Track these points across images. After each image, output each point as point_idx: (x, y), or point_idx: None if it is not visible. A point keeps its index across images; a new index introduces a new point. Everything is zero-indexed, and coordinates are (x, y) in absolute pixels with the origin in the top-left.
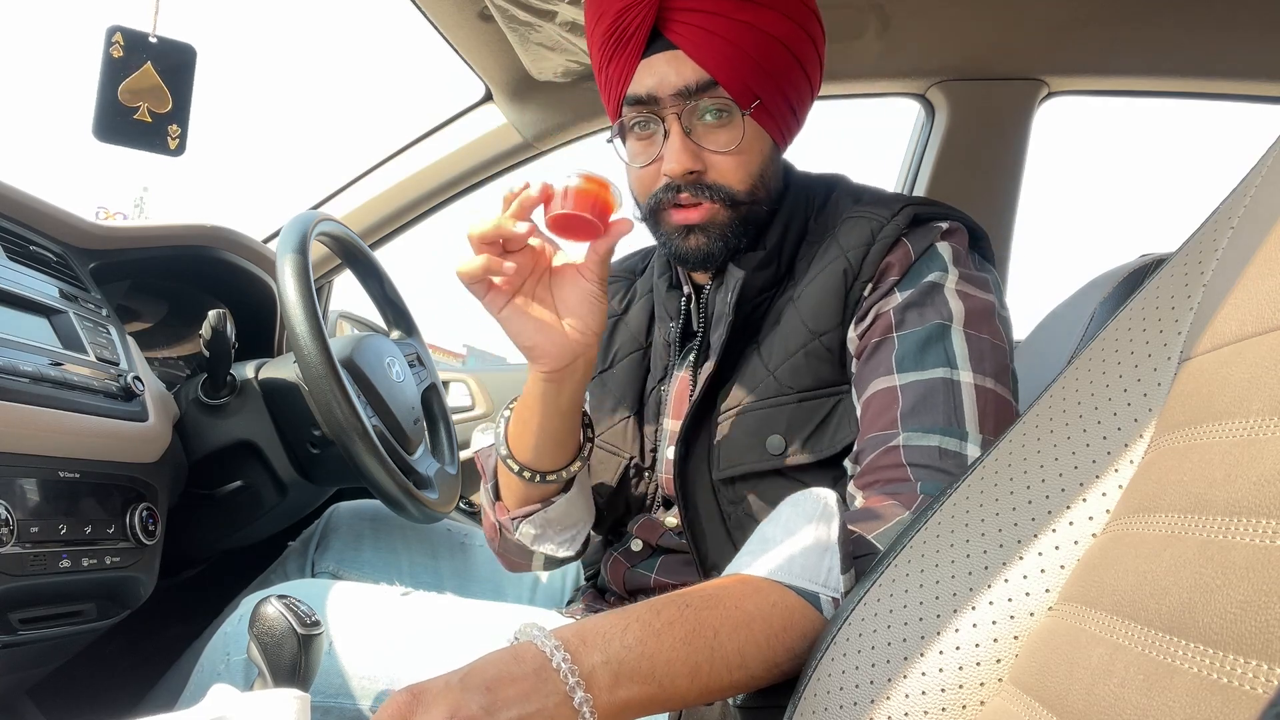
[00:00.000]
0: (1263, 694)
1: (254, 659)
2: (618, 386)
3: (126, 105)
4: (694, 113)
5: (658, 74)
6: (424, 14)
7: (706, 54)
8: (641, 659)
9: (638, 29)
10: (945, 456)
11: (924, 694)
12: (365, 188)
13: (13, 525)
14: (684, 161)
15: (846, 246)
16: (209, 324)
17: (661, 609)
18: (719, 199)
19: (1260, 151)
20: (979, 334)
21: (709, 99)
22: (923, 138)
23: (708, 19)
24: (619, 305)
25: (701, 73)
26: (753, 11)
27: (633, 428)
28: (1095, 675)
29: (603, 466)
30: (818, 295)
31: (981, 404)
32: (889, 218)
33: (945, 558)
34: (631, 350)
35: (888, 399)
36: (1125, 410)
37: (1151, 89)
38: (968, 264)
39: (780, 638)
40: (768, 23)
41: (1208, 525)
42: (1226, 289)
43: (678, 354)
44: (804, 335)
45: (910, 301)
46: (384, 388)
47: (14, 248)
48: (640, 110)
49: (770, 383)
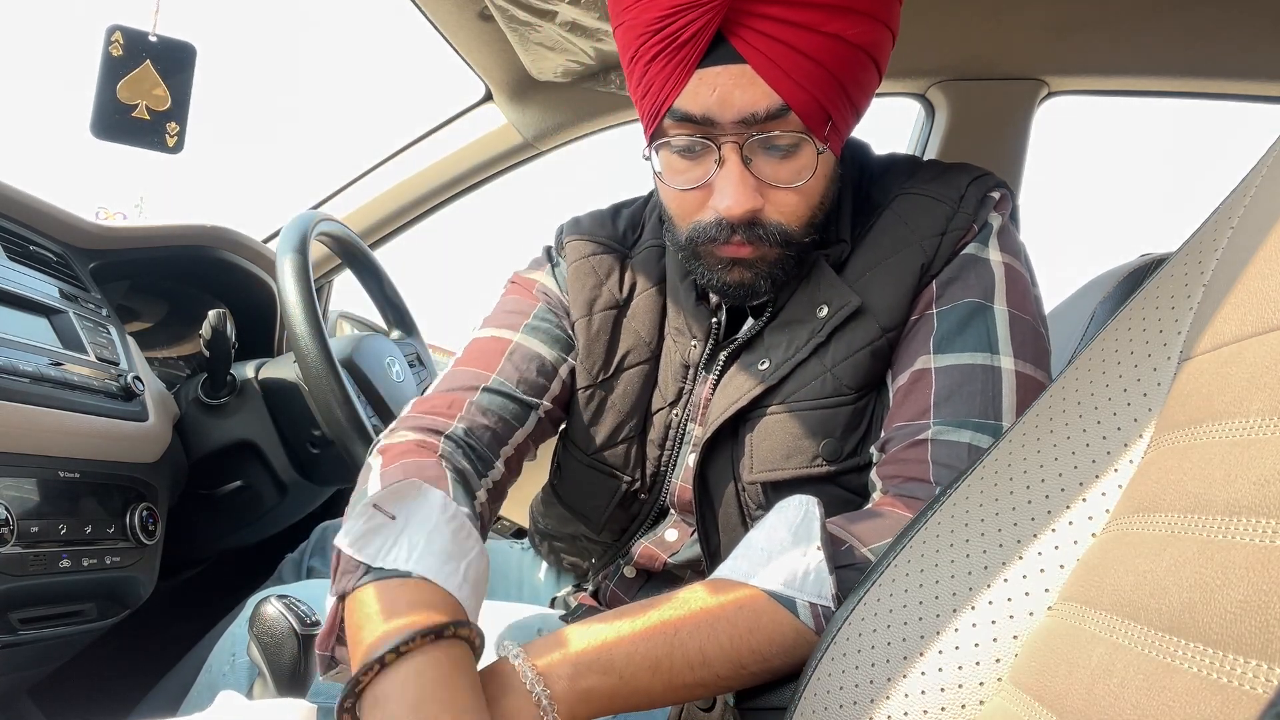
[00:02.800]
0: (1263, 694)
1: (254, 659)
2: (622, 401)
3: (125, 103)
4: (758, 143)
5: (719, 92)
6: (424, 14)
7: (781, 74)
8: (600, 651)
9: (699, 32)
10: (974, 455)
11: (924, 694)
12: (365, 188)
13: (13, 525)
14: (744, 202)
15: (921, 233)
16: (209, 324)
17: (624, 610)
18: (778, 241)
19: (1260, 151)
20: (1021, 313)
21: (779, 128)
22: (923, 138)
23: (788, 31)
24: (620, 292)
25: (774, 97)
26: (844, 21)
27: (636, 451)
28: (1095, 675)
29: (597, 488)
30: (891, 288)
31: (1021, 393)
32: (958, 201)
33: (945, 558)
34: (641, 360)
35: (921, 383)
36: (1125, 410)
37: (1151, 89)
38: (1012, 234)
39: (745, 639)
40: (858, 32)
41: (1208, 525)
42: (1227, 289)
43: (695, 378)
44: (873, 332)
45: (951, 275)
46: (384, 388)
47: (14, 248)
48: (690, 129)
49: (827, 381)
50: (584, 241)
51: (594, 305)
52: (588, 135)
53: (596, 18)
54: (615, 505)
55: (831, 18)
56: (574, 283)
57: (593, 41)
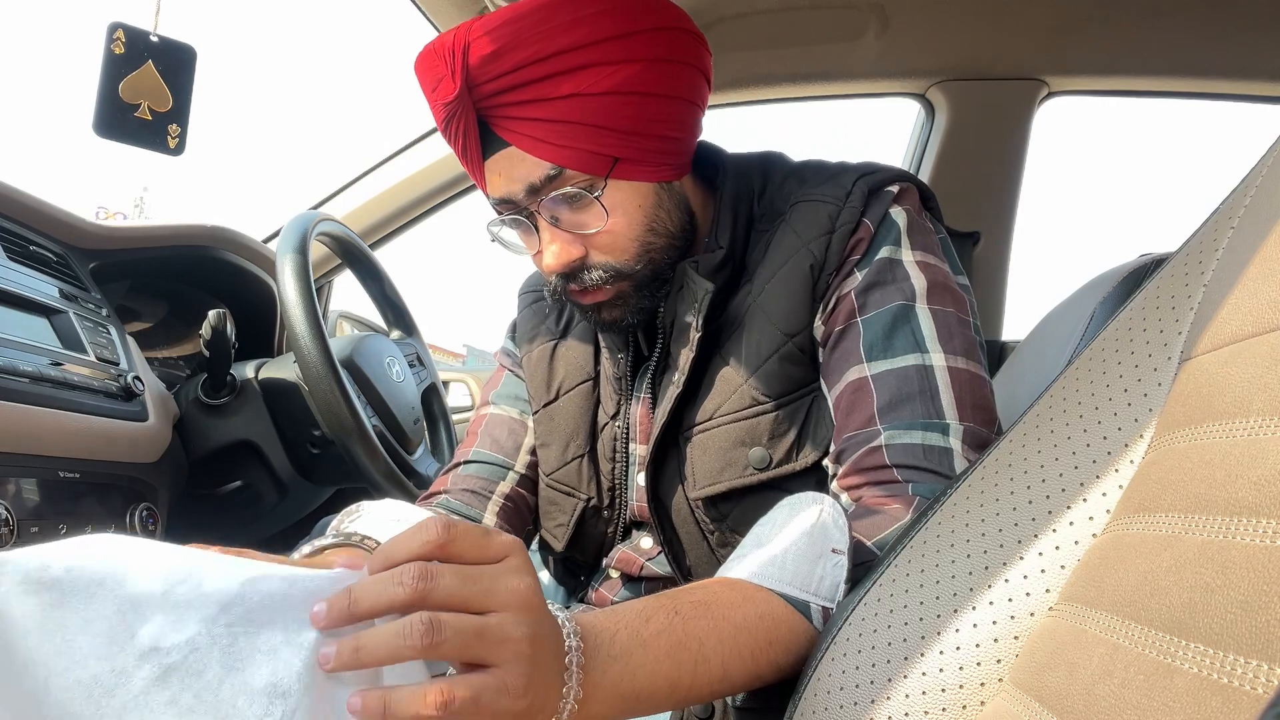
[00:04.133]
0: (1263, 694)
1: None
2: (566, 421)
3: (127, 102)
4: (554, 203)
5: (503, 175)
6: (424, 14)
7: (540, 144)
8: (625, 672)
9: (466, 134)
10: (930, 454)
11: (924, 694)
12: (365, 188)
13: (13, 525)
14: (560, 257)
15: (806, 237)
16: (209, 324)
17: (651, 615)
18: (610, 279)
19: (1260, 151)
20: (943, 307)
21: (562, 186)
22: (923, 138)
23: (527, 108)
24: (556, 327)
25: (542, 165)
26: (572, 81)
27: (587, 468)
28: (1095, 675)
29: (557, 508)
30: (785, 294)
31: (957, 387)
32: (843, 199)
33: (945, 558)
34: (579, 381)
35: (861, 392)
36: (1125, 410)
37: (1151, 89)
38: (923, 230)
39: (765, 652)
40: (593, 84)
41: (1208, 525)
42: (1227, 289)
43: (630, 387)
44: (776, 339)
45: (870, 282)
46: (384, 388)
47: (14, 248)
48: (506, 209)
49: (744, 393)
50: (528, 293)
51: (534, 341)
52: None
53: None
54: (575, 522)
55: (560, 83)
56: (521, 328)
57: None
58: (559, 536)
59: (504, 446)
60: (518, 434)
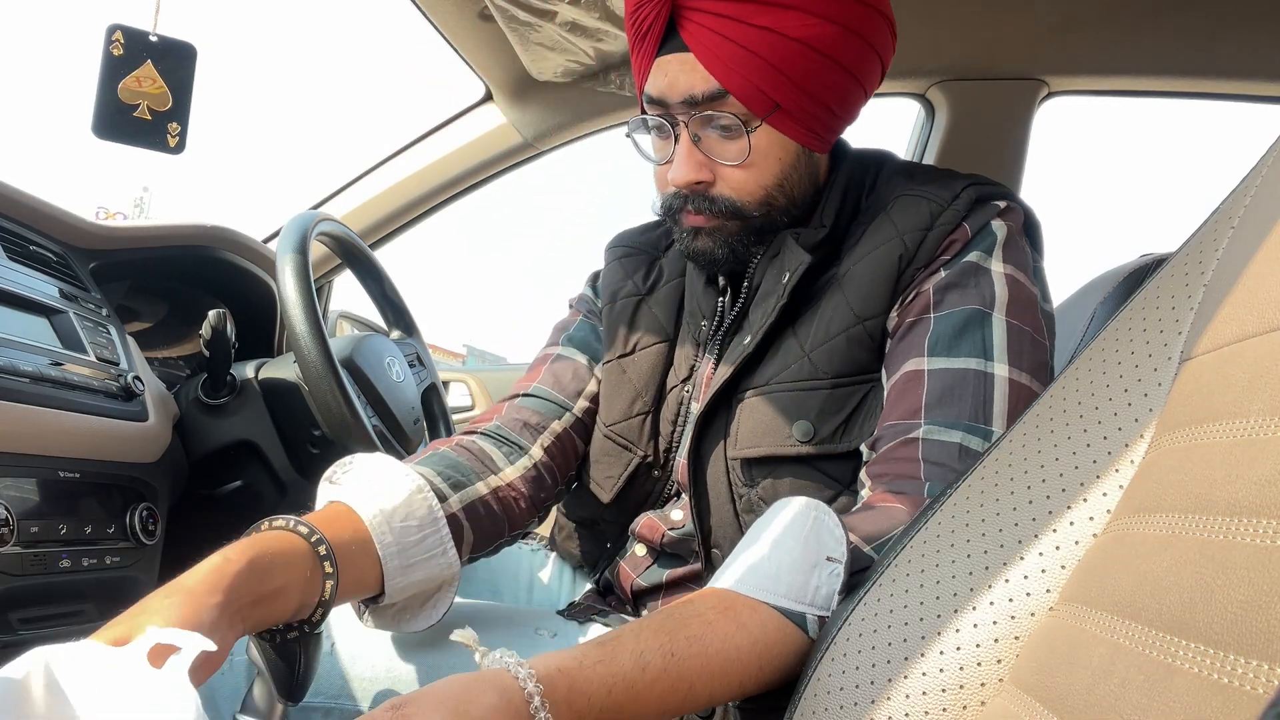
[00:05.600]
0: (1263, 694)
1: (253, 658)
2: (638, 376)
3: (126, 103)
4: (704, 122)
5: (668, 77)
6: (424, 14)
7: (717, 61)
8: (618, 716)
9: (653, 24)
10: (965, 456)
11: (924, 694)
12: (365, 188)
13: (13, 525)
14: (688, 174)
15: (903, 228)
16: (209, 324)
17: (648, 663)
18: (725, 213)
19: (1260, 151)
20: (1022, 324)
21: (717, 110)
22: (923, 138)
23: (721, 23)
24: (643, 284)
25: (711, 81)
26: (772, 15)
27: (649, 426)
28: (1096, 675)
29: (611, 460)
30: (868, 278)
31: (1013, 400)
32: (949, 200)
33: (945, 558)
34: (657, 340)
35: (913, 384)
36: (1126, 410)
37: (1151, 89)
38: (1020, 248)
39: (754, 677)
40: (790, 26)
41: (1208, 525)
42: (1227, 289)
43: (705, 353)
44: (848, 319)
45: (951, 281)
46: (384, 388)
47: (14, 248)
48: (656, 110)
49: (804, 365)
50: (618, 247)
51: (618, 295)
52: (587, 135)
53: (596, 18)
54: (627, 478)
55: (761, 11)
56: (605, 280)
57: (592, 41)
58: (607, 488)
59: (566, 388)
60: (581, 378)
